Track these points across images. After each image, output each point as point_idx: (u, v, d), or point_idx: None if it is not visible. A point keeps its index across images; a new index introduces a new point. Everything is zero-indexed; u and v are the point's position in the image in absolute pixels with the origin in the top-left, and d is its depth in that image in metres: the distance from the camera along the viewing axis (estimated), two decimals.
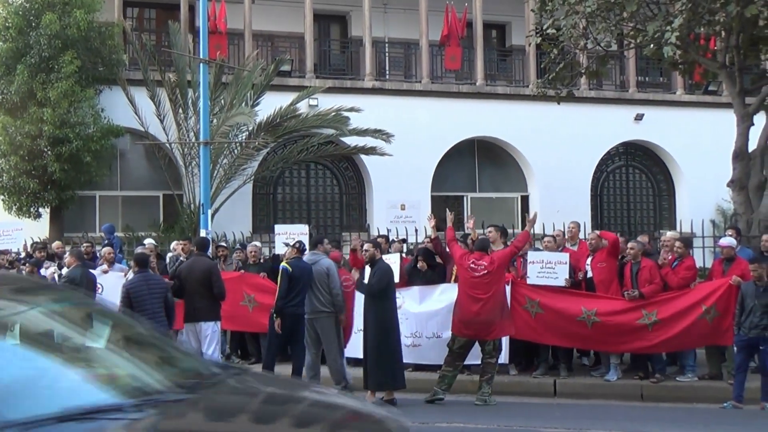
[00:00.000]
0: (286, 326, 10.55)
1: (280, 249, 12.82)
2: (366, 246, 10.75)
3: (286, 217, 20.16)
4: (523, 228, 19.14)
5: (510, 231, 13.13)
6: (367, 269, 10.47)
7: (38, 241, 15.36)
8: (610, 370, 11.38)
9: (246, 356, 12.88)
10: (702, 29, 13.31)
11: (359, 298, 11.28)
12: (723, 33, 13.15)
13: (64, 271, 12.01)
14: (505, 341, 11.32)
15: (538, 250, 12.33)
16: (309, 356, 10.85)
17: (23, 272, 12.44)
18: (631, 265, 11.09)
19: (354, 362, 11.20)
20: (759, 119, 13.54)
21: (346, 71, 21.91)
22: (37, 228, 17.00)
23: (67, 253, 12.48)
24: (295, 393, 4.84)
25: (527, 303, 11.31)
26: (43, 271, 12.46)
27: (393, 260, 11.63)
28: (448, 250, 11.72)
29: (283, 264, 10.90)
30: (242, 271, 12.69)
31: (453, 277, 12.09)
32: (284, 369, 11.01)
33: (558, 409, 10.13)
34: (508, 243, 12.29)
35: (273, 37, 21.38)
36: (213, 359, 10.78)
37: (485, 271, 10.38)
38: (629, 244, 11.38)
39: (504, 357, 11.38)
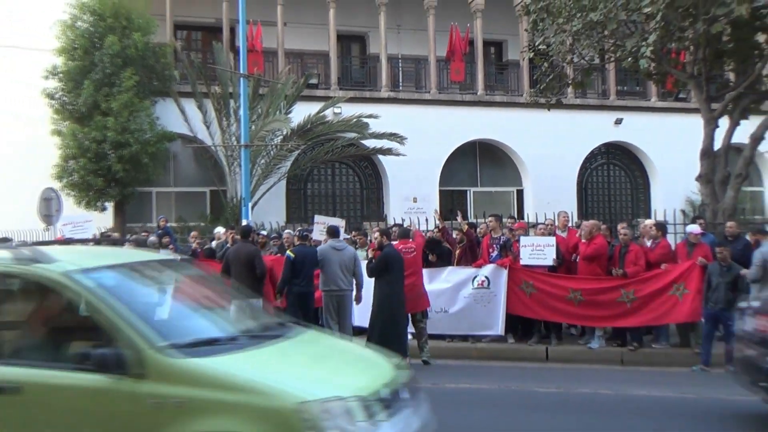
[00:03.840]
0: (294, 303, 10.65)
1: (316, 235, 12.87)
2: (375, 234, 10.84)
3: (315, 209, 20.21)
4: (519, 218, 19.22)
5: (506, 220, 13.12)
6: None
7: (105, 231, 15.52)
8: (594, 338, 11.40)
9: None
10: (673, 44, 13.24)
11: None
12: (692, 47, 13.07)
13: None
14: (501, 315, 11.38)
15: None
16: (332, 325, 10.92)
17: None
18: (620, 247, 11.15)
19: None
20: (723, 122, 13.48)
21: (365, 83, 21.91)
22: (103, 220, 17.16)
23: (127, 242, 12.60)
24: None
25: (523, 284, 11.36)
26: None
27: None
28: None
29: (288, 252, 11.04)
30: (278, 254, 12.72)
31: (456, 261, 12.17)
32: None
33: (549, 372, 10.15)
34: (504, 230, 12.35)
35: (302, 54, 21.40)
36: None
37: (414, 252, 10.72)
38: (621, 231, 11.39)
39: (500, 329, 11.45)
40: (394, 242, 10.89)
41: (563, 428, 6.70)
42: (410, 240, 11.04)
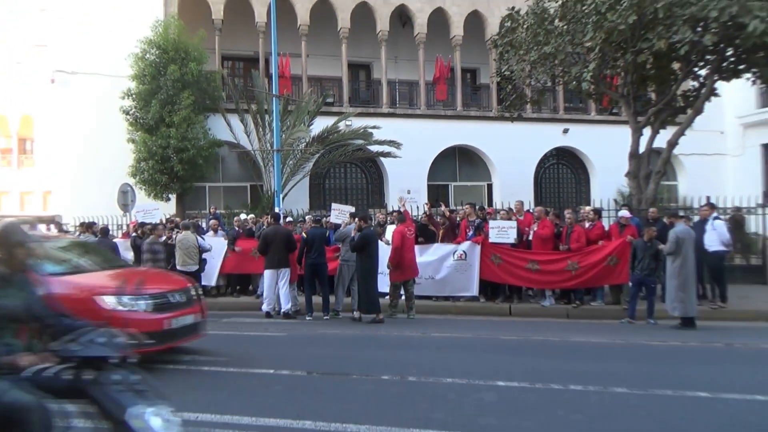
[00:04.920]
0: (308, 271, 10.84)
1: (333, 219, 12.94)
2: (356, 220, 10.89)
3: (331, 199, 20.20)
4: (489, 204, 19.22)
5: (477, 206, 13.18)
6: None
7: (169, 216, 15.56)
8: (545, 298, 11.47)
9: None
10: (608, 71, 13.24)
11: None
12: (623, 73, 13.07)
13: (181, 235, 12.03)
14: (475, 281, 11.47)
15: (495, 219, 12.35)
16: (341, 290, 11.02)
17: (166, 236, 12.53)
18: (566, 228, 11.22)
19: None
20: (646, 131, 13.51)
21: (370, 102, 21.88)
22: (168, 208, 17.22)
23: (182, 225, 12.57)
24: None
25: (492, 256, 11.42)
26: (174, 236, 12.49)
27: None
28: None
29: (302, 233, 11.23)
30: (303, 234, 12.77)
31: (440, 239, 12.22)
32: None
33: (512, 324, 10.22)
34: (480, 216, 12.36)
35: (321, 79, 21.36)
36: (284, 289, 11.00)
37: (413, 234, 10.94)
38: (567, 215, 11.49)
39: (475, 291, 11.54)
40: (396, 225, 10.94)
41: (521, 365, 6.78)
42: (412, 224, 11.18)
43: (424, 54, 20.81)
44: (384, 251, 10.95)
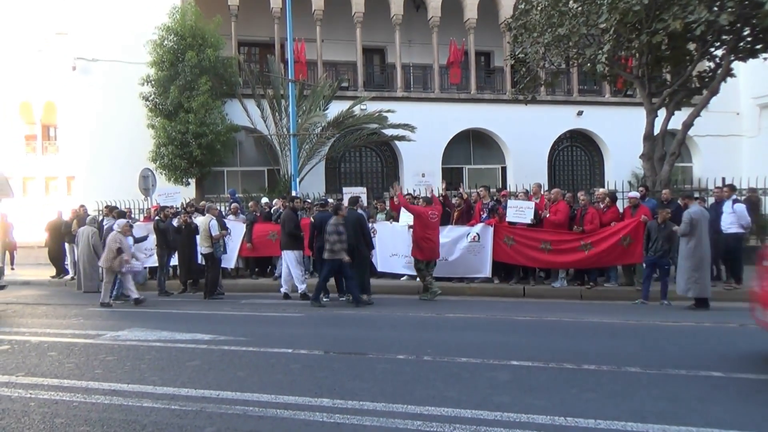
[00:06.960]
0: (320, 255, 10.65)
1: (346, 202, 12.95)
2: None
3: (347, 183, 20.27)
4: (504, 187, 19.13)
5: (492, 190, 13.13)
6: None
7: (189, 200, 15.65)
8: (558, 280, 11.42)
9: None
10: (623, 52, 13.03)
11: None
12: (637, 54, 12.84)
13: (200, 219, 12.11)
14: (489, 262, 11.46)
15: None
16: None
17: (179, 220, 12.63)
18: (581, 210, 11.16)
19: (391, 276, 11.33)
20: (661, 113, 13.30)
21: (384, 86, 21.76)
22: (188, 192, 17.33)
23: (207, 208, 12.67)
24: None
25: (505, 238, 11.39)
26: (194, 219, 12.58)
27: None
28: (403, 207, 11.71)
29: (311, 217, 11.26)
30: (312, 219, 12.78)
31: (455, 220, 12.19)
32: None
33: (525, 305, 10.20)
34: (494, 198, 12.31)
35: (336, 64, 21.27)
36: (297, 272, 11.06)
37: (436, 218, 10.83)
38: (581, 197, 11.45)
39: (488, 272, 11.53)
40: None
41: (535, 345, 6.76)
42: (439, 205, 11.21)
43: (438, 37, 20.61)
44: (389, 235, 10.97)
